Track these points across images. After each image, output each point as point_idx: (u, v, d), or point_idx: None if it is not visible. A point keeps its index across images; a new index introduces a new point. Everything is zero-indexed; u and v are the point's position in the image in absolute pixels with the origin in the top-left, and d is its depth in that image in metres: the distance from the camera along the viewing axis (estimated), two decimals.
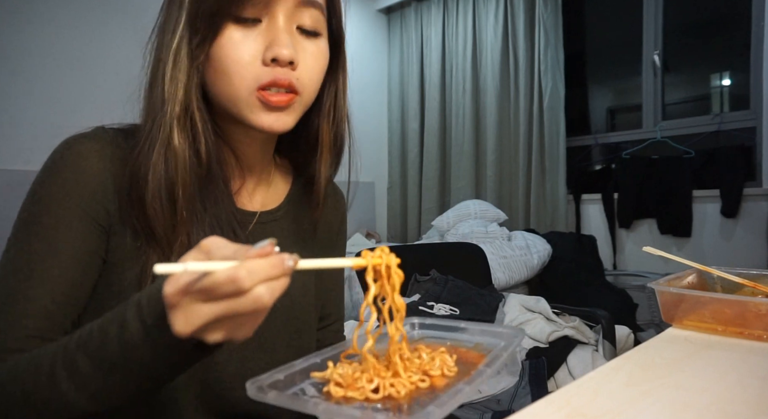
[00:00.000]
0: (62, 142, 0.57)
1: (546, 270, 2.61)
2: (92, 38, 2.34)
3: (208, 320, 0.37)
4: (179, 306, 0.38)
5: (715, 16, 2.73)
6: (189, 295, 0.37)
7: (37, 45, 2.18)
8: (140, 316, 0.41)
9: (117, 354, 0.42)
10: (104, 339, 0.43)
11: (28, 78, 2.16)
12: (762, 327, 0.64)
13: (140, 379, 0.43)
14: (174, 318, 0.38)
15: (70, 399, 0.43)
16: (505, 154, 3.18)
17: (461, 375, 0.46)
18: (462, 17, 3.35)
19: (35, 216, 0.54)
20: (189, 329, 0.38)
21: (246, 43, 0.54)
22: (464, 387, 0.41)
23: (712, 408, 0.45)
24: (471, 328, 0.58)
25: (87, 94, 2.29)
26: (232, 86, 0.55)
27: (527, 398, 1.50)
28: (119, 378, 0.43)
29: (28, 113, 2.15)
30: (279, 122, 0.57)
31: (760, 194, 2.39)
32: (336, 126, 0.66)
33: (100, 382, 0.43)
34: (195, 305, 0.37)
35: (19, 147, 2.09)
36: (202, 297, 0.37)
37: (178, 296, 0.37)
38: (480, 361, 0.48)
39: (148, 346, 0.41)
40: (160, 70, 0.54)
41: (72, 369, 0.43)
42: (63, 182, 0.54)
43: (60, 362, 0.44)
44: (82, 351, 0.44)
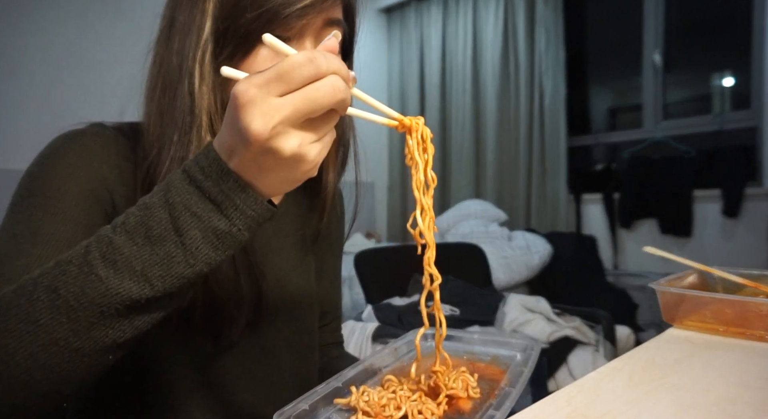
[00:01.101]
0: (61, 135, 0.55)
1: (546, 271, 2.61)
2: (92, 38, 2.34)
3: (288, 114, 0.35)
4: (254, 101, 0.34)
5: (716, 16, 2.73)
6: (264, 88, 0.35)
7: (36, 45, 2.18)
8: (188, 175, 0.38)
9: (165, 220, 0.38)
10: (146, 211, 0.39)
11: (28, 78, 2.16)
12: (763, 327, 0.64)
13: (196, 243, 0.38)
14: (251, 117, 0.34)
15: (110, 284, 0.37)
16: (505, 153, 3.18)
17: (486, 396, 0.46)
18: (462, 17, 3.35)
19: (35, 190, 0.51)
20: (268, 127, 0.34)
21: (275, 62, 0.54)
22: (495, 413, 0.40)
23: (713, 409, 0.45)
24: (484, 339, 0.58)
25: (87, 94, 2.29)
26: None
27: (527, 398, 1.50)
28: (171, 247, 0.38)
29: (28, 113, 2.15)
30: None
31: (761, 194, 2.39)
32: (340, 133, 0.66)
33: (148, 257, 0.38)
34: (271, 99, 0.35)
35: (19, 147, 2.09)
36: (280, 87, 0.35)
37: (252, 89, 0.34)
38: (501, 377, 0.48)
39: (203, 201, 0.37)
40: (185, 79, 0.52)
41: (111, 252, 0.38)
42: (68, 163, 0.52)
43: (94, 248, 0.39)
44: (120, 232, 0.39)
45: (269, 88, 0.35)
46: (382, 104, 0.43)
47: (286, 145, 0.36)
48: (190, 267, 0.38)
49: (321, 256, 0.75)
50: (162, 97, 0.54)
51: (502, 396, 0.43)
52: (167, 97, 0.53)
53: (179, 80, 0.53)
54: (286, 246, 0.68)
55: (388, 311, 1.86)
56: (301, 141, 0.36)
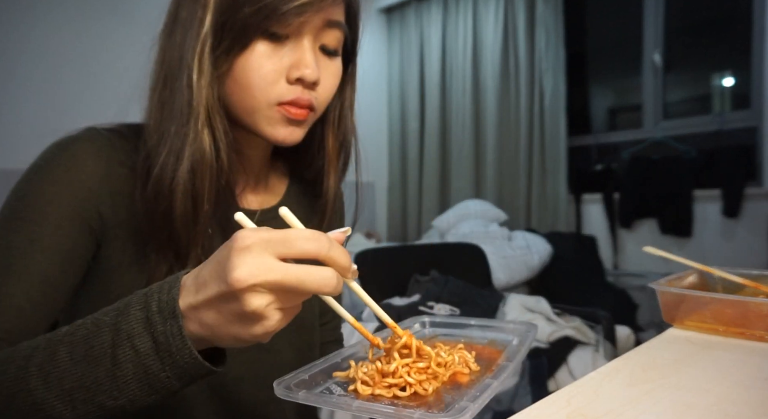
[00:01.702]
0: (53, 144, 0.55)
1: (546, 271, 2.61)
2: (92, 38, 2.34)
3: (275, 279, 0.34)
4: (250, 251, 0.34)
5: (716, 16, 2.73)
6: (265, 243, 0.35)
7: (36, 45, 2.18)
8: (145, 304, 0.38)
9: (107, 344, 0.38)
10: (95, 328, 0.39)
11: (28, 78, 2.16)
12: (763, 327, 0.64)
13: (126, 378, 0.38)
14: (240, 263, 0.34)
15: (38, 397, 0.38)
16: (505, 153, 3.18)
17: (484, 371, 0.46)
18: (462, 17, 3.35)
19: (18, 212, 0.51)
20: (251, 280, 0.34)
21: (273, 59, 0.54)
22: (492, 381, 0.41)
23: (713, 409, 0.45)
24: (481, 325, 0.58)
25: (87, 94, 2.29)
26: (253, 99, 0.54)
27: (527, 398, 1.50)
28: (103, 373, 0.37)
29: (28, 113, 2.15)
30: (293, 136, 0.58)
31: (762, 194, 2.39)
32: (342, 136, 0.66)
33: (79, 377, 0.38)
34: (267, 256, 0.34)
35: (18, 147, 2.09)
36: (279, 249, 0.35)
37: (253, 238, 0.35)
38: (498, 357, 0.48)
39: (146, 337, 0.37)
40: (184, 72, 0.53)
41: (49, 363, 0.39)
42: (54, 180, 0.52)
43: (39, 354, 0.39)
44: (66, 342, 0.39)
45: (269, 246, 0.35)
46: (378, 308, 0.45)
47: (254, 301, 0.35)
48: (113, 400, 0.38)
49: None
50: (163, 89, 0.54)
51: (499, 369, 0.44)
52: (168, 90, 0.54)
53: (179, 73, 0.53)
54: None
55: (388, 311, 1.86)
56: (269, 303, 0.36)
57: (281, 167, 0.73)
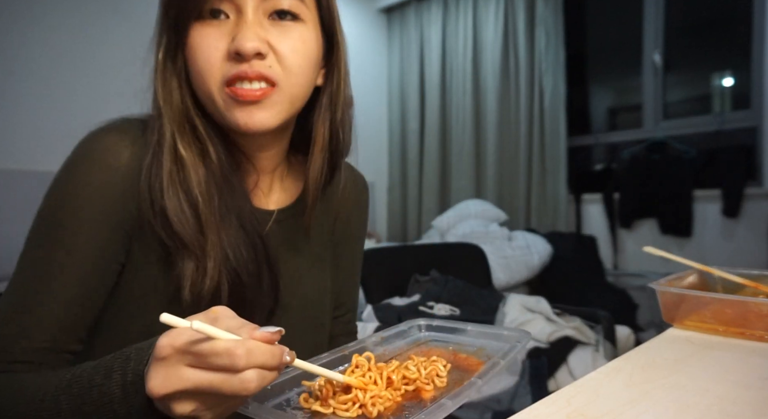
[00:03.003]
0: (88, 135, 0.54)
1: (546, 271, 2.61)
2: (92, 38, 2.34)
3: (187, 387, 0.36)
4: (165, 361, 0.36)
5: (716, 16, 2.73)
6: (180, 354, 0.36)
7: (37, 45, 2.18)
8: (124, 370, 0.40)
9: (96, 403, 0.41)
10: (89, 384, 0.42)
11: (28, 78, 2.16)
12: (763, 327, 0.64)
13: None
14: (153, 374, 0.36)
15: None
16: (505, 153, 3.18)
17: (452, 386, 0.46)
18: (462, 17, 3.35)
19: (56, 218, 0.52)
20: (163, 391, 0.36)
21: (213, 39, 0.52)
22: (447, 402, 0.40)
23: (713, 409, 0.45)
24: (476, 330, 0.58)
25: (87, 94, 2.29)
26: (204, 84, 0.53)
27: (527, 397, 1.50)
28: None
29: (28, 113, 2.15)
30: (254, 119, 0.53)
31: (761, 194, 2.39)
32: (332, 126, 0.61)
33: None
34: (180, 367, 0.36)
35: (19, 147, 2.09)
36: (193, 361, 0.36)
37: (169, 349, 0.36)
38: (477, 369, 0.48)
39: (124, 404, 0.40)
40: (156, 77, 0.54)
41: (55, 408, 0.43)
42: (90, 182, 0.52)
43: (49, 396, 0.43)
44: (67, 392, 0.43)
45: (183, 357, 0.36)
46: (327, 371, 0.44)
47: (178, 408, 0.37)
48: None
49: (340, 251, 0.73)
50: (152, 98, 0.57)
51: (465, 386, 0.43)
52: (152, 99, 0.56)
53: (154, 79, 0.55)
54: (300, 244, 0.67)
55: (388, 311, 1.86)
56: (196, 408, 0.37)
57: (300, 165, 0.69)
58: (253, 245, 0.57)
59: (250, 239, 0.57)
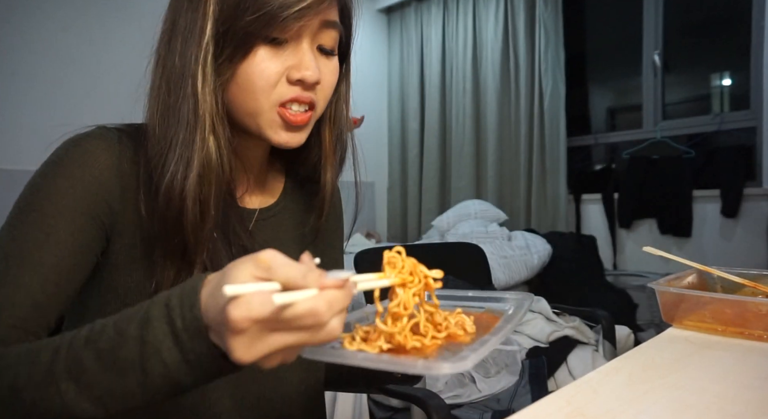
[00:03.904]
0: (67, 141, 0.56)
1: (546, 271, 2.61)
2: (92, 38, 2.34)
3: (275, 349, 0.36)
4: (246, 333, 0.35)
5: (716, 16, 2.73)
6: (261, 324, 0.35)
7: (37, 45, 2.18)
8: (169, 318, 0.38)
9: (134, 356, 0.38)
10: (120, 338, 0.39)
11: (28, 78, 2.16)
12: (762, 327, 0.64)
13: (157, 386, 0.39)
14: (236, 345, 0.35)
15: (69, 400, 0.39)
16: (505, 153, 3.18)
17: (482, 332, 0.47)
18: (462, 17, 3.35)
19: (34, 205, 0.52)
20: (251, 358, 0.35)
21: (274, 63, 0.55)
22: (490, 337, 0.42)
23: (712, 408, 0.45)
24: (478, 296, 0.59)
25: (87, 94, 2.29)
26: (256, 102, 0.56)
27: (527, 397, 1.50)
28: (133, 383, 0.39)
29: (28, 113, 2.15)
30: (295, 139, 0.59)
31: (761, 194, 2.39)
32: (338, 132, 0.68)
33: (109, 385, 0.39)
34: (264, 334, 0.35)
35: (19, 147, 2.09)
36: (277, 327, 0.35)
37: (247, 323, 0.34)
38: (495, 322, 0.49)
39: (175, 351, 0.38)
40: (188, 81, 0.54)
41: (76, 368, 0.40)
42: (69, 175, 0.53)
43: (63, 358, 0.40)
44: (91, 349, 0.40)
45: (265, 325, 0.35)
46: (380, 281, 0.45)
47: (267, 364, 0.37)
48: (145, 403, 0.40)
49: (322, 252, 0.75)
50: (167, 98, 0.55)
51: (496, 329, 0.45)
52: (171, 99, 0.54)
53: (182, 82, 0.54)
54: (285, 244, 0.68)
55: None
56: (284, 358, 0.38)
57: (277, 165, 0.74)
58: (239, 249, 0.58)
59: (236, 240, 0.58)
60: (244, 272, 0.35)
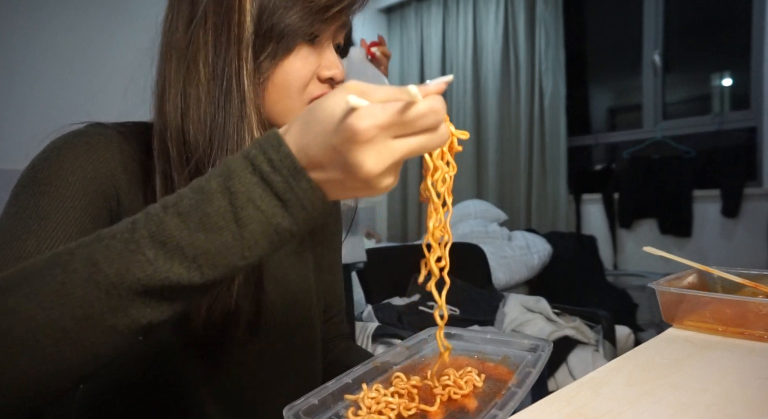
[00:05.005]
0: (64, 134, 0.54)
1: (546, 270, 2.61)
2: (92, 38, 2.34)
3: (399, 158, 0.35)
4: (374, 142, 0.34)
5: (716, 16, 2.73)
6: (387, 130, 0.35)
7: (37, 45, 2.18)
8: (254, 166, 0.37)
9: (225, 209, 0.36)
10: (202, 195, 0.37)
11: (28, 78, 2.16)
12: (763, 327, 0.64)
13: (255, 236, 0.37)
14: (365, 156, 0.34)
15: (159, 266, 0.36)
16: (505, 153, 3.18)
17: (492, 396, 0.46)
18: (462, 17, 3.35)
19: (41, 180, 0.49)
20: (380, 167, 0.35)
21: (309, 61, 0.56)
22: (497, 413, 0.41)
23: (712, 409, 0.45)
24: (496, 339, 0.58)
25: (87, 94, 2.29)
26: (290, 100, 0.56)
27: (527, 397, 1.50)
28: (228, 237, 0.36)
29: (28, 113, 2.15)
30: None
31: (761, 194, 2.39)
32: None
33: (201, 244, 0.36)
34: (388, 141, 0.35)
35: (19, 147, 2.09)
36: (400, 131, 0.35)
37: (375, 130, 0.34)
38: (509, 378, 0.49)
39: (268, 195, 0.36)
40: (232, 79, 0.52)
41: (161, 233, 0.36)
42: (75, 156, 0.51)
43: (142, 227, 0.37)
44: (171, 213, 0.37)
45: (390, 131, 0.35)
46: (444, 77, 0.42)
47: (384, 182, 0.37)
48: (244, 260, 0.37)
49: (319, 251, 0.75)
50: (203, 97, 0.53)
51: (507, 396, 0.44)
52: (216, 99, 0.52)
53: (224, 80, 0.52)
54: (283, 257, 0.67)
55: (388, 311, 1.86)
56: (395, 175, 0.38)
57: None
58: None
59: None
60: (339, 98, 0.35)
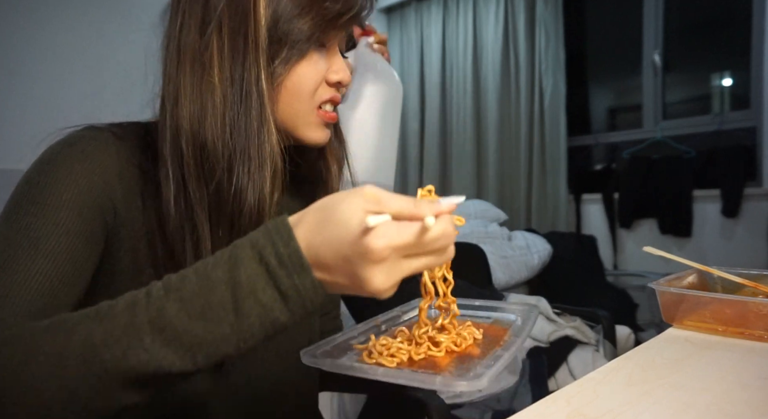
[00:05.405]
0: (57, 141, 0.53)
1: (546, 270, 2.61)
2: (92, 38, 2.34)
3: (406, 273, 0.37)
4: (386, 263, 0.36)
5: (716, 16, 2.73)
6: (400, 251, 0.36)
7: (37, 45, 2.18)
8: (260, 257, 0.37)
9: (226, 299, 0.37)
10: (206, 282, 0.37)
11: (28, 78, 2.16)
12: (762, 327, 0.64)
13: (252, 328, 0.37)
14: (376, 275, 0.36)
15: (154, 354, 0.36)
16: (505, 153, 3.18)
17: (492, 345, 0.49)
18: (462, 17, 3.35)
19: (35, 197, 0.48)
20: (387, 286, 0.36)
21: (320, 66, 0.58)
22: (502, 352, 0.44)
23: (712, 409, 0.45)
24: (484, 305, 0.62)
25: (87, 94, 2.29)
26: (300, 104, 0.57)
27: (527, 396, 1.50)
28: (226, 328, 0.37)
29: (28, 113, 2.15)
30: (327, 136, 0.62)
31: (761, 194, 2.39)
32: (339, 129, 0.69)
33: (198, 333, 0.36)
34: (399, 261, 0.36)
35: (19, 147, 2.09)
36: (413, 252, 0.37)
37: (388, 251, 0.35)
38: (504, 334, 0.52)
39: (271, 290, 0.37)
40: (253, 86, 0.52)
41: (160, 319, 0.36)
42: (69, 170, 0.50)
43: (142, 310, 0.37)
44: (174, 298, 0.37)
45: (403, 252, 0.36)
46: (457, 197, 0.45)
47: (385, 294, 0.38)
48: (238, 350, 0.38)
49: None
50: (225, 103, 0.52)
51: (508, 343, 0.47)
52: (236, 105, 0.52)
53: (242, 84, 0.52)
54: None
55: None
56: (395, 288, 0.38)
57: None
58: None
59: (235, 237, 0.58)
60: (355, 206, 0.36)
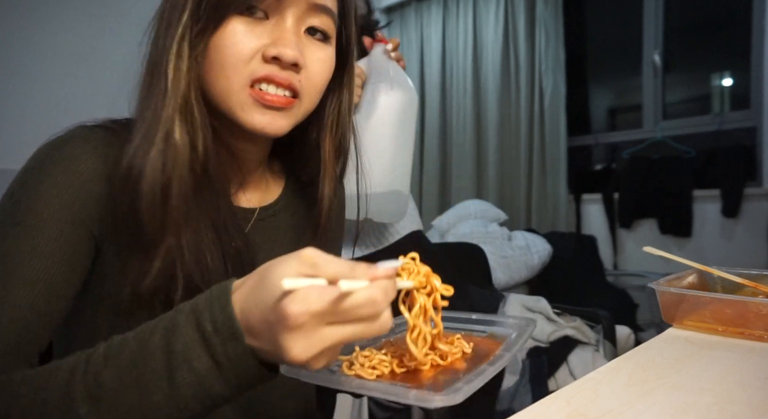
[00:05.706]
0: (46, 144, 0.52)
1: (546, 270, 2.61)
2: (92, 38, 2.34)
3: (330, 345, 0.34)
4: (303, 328, 0.33)
5: (716, 16, 2.73)
6: (319, 317, 0.33)
7: (37, 45, 2.18)
8: (197, 323, 0.36)
9: (161, 368, 0.36)
10: (143, 350, 0.37)
11: (28, 78, 2.16)
12: (762, 327, 0.64)
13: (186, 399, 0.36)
14: (292, 342, 0.33)
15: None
16: (505, 153, 3.18)
17: (480, 359, 0.47)
18: (462, 17, 3.35)
19: (16, 218, 0.48)
20: (307, 355, 0.34)
21: (248, 37, 0.51)
22: (488, 367, 0.42)
23: (712, 409, 0.45)
24: (482, 319, 0.60)
25: (87, 94, 2.29)
26: (227, 80, 0.52)
27: (527, 396, 1.50)
28: (160, 398, 0.36)
29: (28, 113, 2.15)
30: (274, 125, 0.54)
31: (761, 194, 2.39)
32: (338, 141, 0.64)
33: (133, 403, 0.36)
34: (320, 328, 0.34)
35: (19, 147, 2.09)
36: (334, 319, 0.34)
37: (305, 317, 0.33)
38: (496, 348, 0.50)
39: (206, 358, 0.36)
40: (164, 60, 0.50)
41: (96, 389, 0.37)
42: (52, 183, 0.49)
43: (80, 379, 0.37)
44: (111, 366, 0.37)
45: (323, 319, 0.34)
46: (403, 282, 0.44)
47: (316, 365, 0.36)
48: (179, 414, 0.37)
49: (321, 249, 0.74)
50: (148, 82, 0.52)
51: (495, 358, 0.45)
52: (151, 81, 0.52)
53: (160, 62, 0.51)
54: (285, 239, 0.66)
55: None
56: (331, 358, 0.36)
57: (278, 167, 0.71)
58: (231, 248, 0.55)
59: (228, 240, 0.55)
60: (288, 270, 0.34)
